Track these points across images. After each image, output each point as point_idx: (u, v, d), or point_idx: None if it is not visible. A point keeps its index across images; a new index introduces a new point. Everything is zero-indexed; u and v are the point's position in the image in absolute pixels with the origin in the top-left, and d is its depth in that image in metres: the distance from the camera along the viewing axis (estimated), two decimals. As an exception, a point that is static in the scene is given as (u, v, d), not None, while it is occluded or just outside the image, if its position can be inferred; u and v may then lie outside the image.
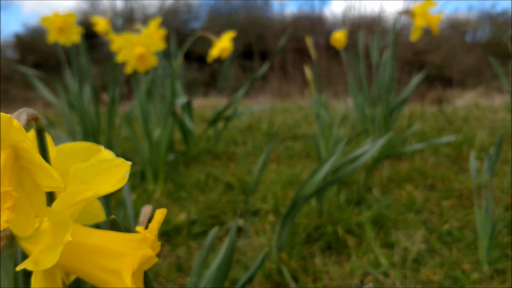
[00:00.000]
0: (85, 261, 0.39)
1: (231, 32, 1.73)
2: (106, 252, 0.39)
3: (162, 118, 1.69)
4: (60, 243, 0.34)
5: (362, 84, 1.95)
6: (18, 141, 0.33)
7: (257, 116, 2.84)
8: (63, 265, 0.39)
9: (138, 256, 0.38)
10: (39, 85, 1.95)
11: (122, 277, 0.37)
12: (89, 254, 0.39)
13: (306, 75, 1.59)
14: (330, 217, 1.43)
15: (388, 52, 1.90)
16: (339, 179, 1.20)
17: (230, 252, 0.57)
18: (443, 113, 2.41)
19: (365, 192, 1.61)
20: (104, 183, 0.39)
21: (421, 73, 1.94)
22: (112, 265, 0.38)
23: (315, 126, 2.48)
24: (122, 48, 1.47)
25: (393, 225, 1.43)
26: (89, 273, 0.39)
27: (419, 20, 1.78)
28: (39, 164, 0.33)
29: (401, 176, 1.72)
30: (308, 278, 1.22)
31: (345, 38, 1.92)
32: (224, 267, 0.60)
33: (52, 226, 0.36)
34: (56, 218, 0.36)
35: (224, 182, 1.71)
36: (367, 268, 1.24)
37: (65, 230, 0.35)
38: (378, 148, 1.18)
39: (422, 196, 1.59)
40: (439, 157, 1.91)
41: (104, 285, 0.39)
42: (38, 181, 0.34)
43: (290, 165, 1.87)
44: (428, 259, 1.26)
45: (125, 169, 0.39)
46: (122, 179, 0.39)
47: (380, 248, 1.31)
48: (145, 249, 0.38)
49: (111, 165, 0.39)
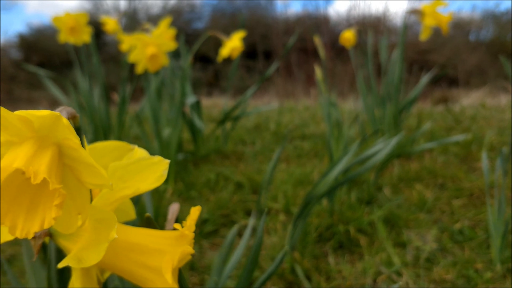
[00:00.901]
0: (125, 259, 0.39)
1: (241, 31, 1.74)
2: (145, 250, 0.39)
3: (172, 117, 1.69)
4: (105, 240, 0.34)
5: (371, 84, 1.95)
6: (64, 139, 0.33)
7: (264, 116, 2.84)
8: (103, 262, 0.39)
9: (177, 253, 0.38)
10: (50, 84, 1.95)
11: (162, 275, 0.38)
12: (128, 251, 0.39)
13: (316, 75, 1.59)
14: (342, 217, 1.43)
15: (397, 51, 1.90)
16: (353, 178, 1.21)
17: (257, 251, 0.57)
18: (450, 113, 2.41)
19: (375, 192, 1.61)
20: (144, 180, 0.39)
21: (430, 73, 1.94)
22: (152, 263, 0.38)
23: (322, 126, 2.48)
24: (134, 48, 1.48)
25: (404, 225, 1.43)
26: (129, 271, 0.39)
27: (429, 19, 1.78)
28: (86, 162, 0.33)
29: (411, 176, 1.72)
30: (321, 277, 1.22)
31: (354, 37, 1.92)
32: (250, 266, 0.60)
33: (95, 223, 0.36)
34: (100, 215, 0.36)
35: (234, 182, 1.71)
36: (379, 267, 1.24)
37: (110, 227, 0.35)
38: (391, 147, 1.19)
39: (432, 195, 1.59)
40: (448, 156, 1.91)
41: (143, 283, 0.39)
42: (82, 179, 0.34)
43: (300, 164, 1.87)
44: (441, 258, 1.26)
45: (163, 167, 0.39)
46: (161, 177, 0.39)
47: (392, 247, 1.31)
48: (184, 246, 0.39)
49: (150, 163, 0.39)
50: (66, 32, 1.67)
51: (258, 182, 1.69)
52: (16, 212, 0.33)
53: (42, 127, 0.33)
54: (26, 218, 0.33)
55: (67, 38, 1.69)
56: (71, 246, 0.39)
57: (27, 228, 0.33)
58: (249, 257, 0.61)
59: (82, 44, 1.79)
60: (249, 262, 0.60)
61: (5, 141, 0.33)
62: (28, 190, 0.34)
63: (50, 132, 0.33)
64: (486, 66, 7.25)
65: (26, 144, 0.33)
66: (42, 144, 0.33)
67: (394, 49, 1.98)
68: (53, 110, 0.59)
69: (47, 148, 0.33)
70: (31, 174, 0.31)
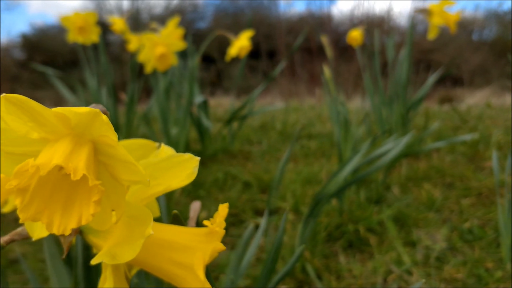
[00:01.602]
0: (156, 256, 0.39)
1: (248, 31, 1.74)
2: (176, 247, 0.39)
3: (180, 117, 1.69)
4: (141, 236, 0.35)
5: (378, 83, 1.95)
6: (99, 136, 0.34)
7: (269, 116, 2.84)
8: (134, 259, 0.39)
9: (209, 250, 0.38)
10: (58, 83, 1.96)
11: (193, 271, 0.38)
12: (160, 248, 0.39)
13: (324, 74, 1.59)
14: (351, 216, 1.44)
15: (404, 50, 1.90)
16: (363, 177, 1.21)
17: (278, 249, 0.57)
18: (457, 112, 2.41)
19: (384, 191, 1.61)
20: (175, 178, 0.39)
21: (437, 72, 1.94)
22: (183, 259, 0.39)
23: (329, 125, 2.48)
24: (142, 47, 1.48)
25: (414, 224, 1.43)
26: (159, 268, 0.40)
27: (436, 18, 1.78)
28: (123, 159, 0.33)
29: (419, 175, 1.72)
30: (331, 276, 1.22)
31: (361, 36, 1.92)
32: (270, 265, 0.60)
33: (128, 220, 0.36)
34: (135, 212, 0.36)
35: (242, 181, 1.71)
36: (390, 266, 1.24)
37: (145, 224, 0.35)
38: (402, 146, 1.19)
39: (441, 194, 1.59)
40: (456, 156, 1.91)
41: (174, 280, 0.39)
42: (118, 176, 0.34)
43: (307, 164, 1.87)
44: (451, 257, 1.26)
45: (194, 164, 0.39)
46: (192, 174, 0.39)
47: (402, 246, 1.31)
48: (214, 243, 0.39)
49: (180, 160, 0.40)
50: (74, 31, 1.67)
51: (266, 182, 1.69)
52: (52, 209, 0.33)
53: (79, 124, 0.33)
54: (62, 214, 0.33)
55: (76, 38, 1.69)
56: (101, 243, 0.40)
57: (64, 224, 0.33)
58: (269, 256, 0.61)
59: (87, 44, 1.79)
60: (269, 260, 0.60)
61: (41, 138, 0.34)
62: (64, 187, 0.34)
63: (86, 130, 0.33)
64: (489, 65, 7.24)
65: (62, 141, 0.33)
66: (78, 141, 0.33)
67: (401, 48, 1.98)
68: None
69: (84, 145, 0.33)
70: (71, 170, 0.31)
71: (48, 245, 0.58)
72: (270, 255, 0.58)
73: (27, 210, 0.32)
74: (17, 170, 0.31)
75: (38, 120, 0.33)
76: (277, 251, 0.58)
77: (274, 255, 0.58)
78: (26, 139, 0.34)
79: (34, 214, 0.33)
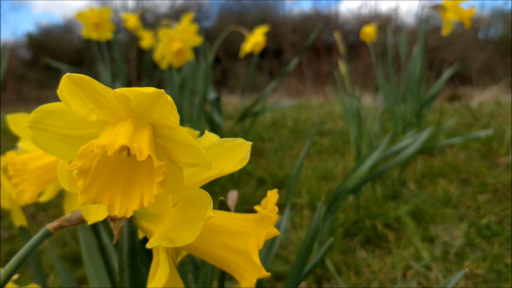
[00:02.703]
0: (209, 241, 0.39)
1: (264, 26, 1.73)
2: (228, 232, 0.39)
3: (194, 113, 1.69)
4: (200, 219, 0.34)
5: (390, 79, 1.94)
6: (159, 119, 0.33)
7: (280, 113, 2.84)
8: (188, 244, 0.39)
9: (263, 235, 0.38)
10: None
11: (248, 257, 0.37)
12: (212, 233, 0.39)
13: (340, 70, 1.59)
14: (368, 212, 1.43)
15: (418, 47, 1.89)
16: (381, 173, 1.20)
17: (312, 240, 0.57)
18: (468, 109, 2.40)
19: (399, 187, 1.61)
20: (227, 162, 0.39)
21: (451, 68, 1.93)
22: (237, 245, 0.38)
23: (340, 123, 2.48)
24: (158, 43, 1.48)
25: (431, 220, 1.42)
26: (212, 253, 0.39)
27: (451, 14, 1.77)
28: (184, 141, 0.33)
29: (435, 171, 1.71)
30: (350, 271, 1.22)
31: (375, 32, 1.92)
32: (303, 255, 0.60)
33: (184, 204, 0.36)
34: (193, 195, 0.36)
35: (257, 177, 1.71)
36: (408, 261, 1.24)
37: (204, 206, 0.35)
38: (421, 141, 1.18)
39: (457, 190, 1.58)
40: (470, 152, 1.90)
41: (227, 265, 0.39)
42: (176, 159, 0.34)
43: (321, 160, 1.87)
44: (470, 253, 1.26)
45: (246, 149, 0.39)
46: (244, 159, 0.39)
47: (421, 242, 1.31)
48: (268, 228, 0.38)
49: (232, 145, 0.39)
50: (89, 28, 1.67)
51: (281, 178, 1.69)
52: (113, 191, 0.33)
53: (140, 106, 0.32)
54: (123, 197, 0.33)
55: (90, 34, 1.69)
56: (153, 228, 0.39)
57: (125, 206, 0.33)
58: (303, 247, 0.60)
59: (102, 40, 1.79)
60: (303, 251, 0.60)
61: (99, 121, 0.33)
62: (123, 169, 0.34)
63: (147, 112, 0.33)
64: (495, 64, 7.22)
65: (123, 123, 0.33)
66: (138, 123, 0.33)
67: (411, 46, 1.97)
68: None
69: (144, 127, 0.33)
70: (136, 151, 0.30)
71: (84, 234, 0.58)
72: (305, 244, 0.58)
73: (88, 192, 0.32)
74: (81, 151, 0.31)
75: (99, 102, 0.32)
76: (311, 241, 0.58)
77: (309, 244, 0.57)
78: (83, 122, 0.34)
79: (95, 196, 0.32)
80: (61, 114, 0.34)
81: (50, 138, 0.35)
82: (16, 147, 0.55)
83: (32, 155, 0.51)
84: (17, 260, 0.40)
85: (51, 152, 0.35)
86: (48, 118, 0.34)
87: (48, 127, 0.34)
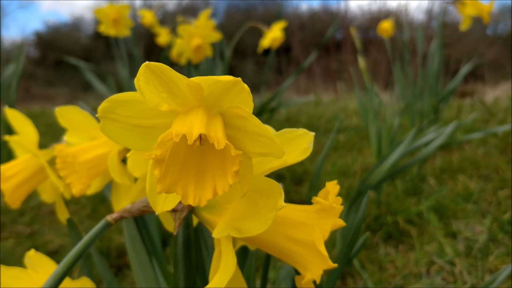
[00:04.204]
0: (272, 232, 0.39)
1: (281, 22, 1.73)
2: (291, 223, 0.39)
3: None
4: (272, 209, 0.34)
5: (407, 75, 1.93)
6: (230, 108, 0.33)
7: (294, 109, 2.83)
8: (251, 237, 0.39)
9: (328, 225, 0.38)
10: (91, 77, 1.96)
11: (315, 248, 0.37)
12: (276, 224, 0.39)
13: (360, 65, 1.58)
14: (389, 208, 1.43)
15: (435, 42, 1.88)
16: (406, 168, 1.20)
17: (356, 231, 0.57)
18: (484, 105, 2.39)
19: (419, 183, 1.60)
20: (290, 153, 0.39)
21: (469, 64, 1.92)
22: (302, 236, 0.38)
23: (355, 119, 2.47)
24: (175, 39, 1.48)
25: (452, 215, 1.42)
26: (275, 244, 0.39)
27: (470, 9, 1.76)
28: (256, 131, 0.32)
29: (454, 167, 1.71)
30: (373, 267, 1.22)
31: (392, 28, 1.90)
32: (346, 250, 0.60)
33: (251, 194, 0.36)
34: (261, 185, 0.36)
35: (275, 173, 1.71)
36: (432, 257, 1.23)
37: (275, 196, 0.34)
38: (446, 136, 1.17)
39: (477, 186, 1.57)
40: (488, 148, 1.89)
41: (291, 257, 0.39)
42: (246, 149, 0.34)
43: (338, 156, 1.86)
44: (493, 248, 1.25)
45: (309, 139, 0.39)
46: (307, 149, 0.39)
47: (444, 237, 1.30)
48: (333, 218, 0.38)
49: (295, 135, 0.39)
50: (108, 24, 1.67)
51: (299, 174, 1.69)
52: (185, 180, 0.33)
53: (212, 95, 0.32)
54: (196, 186, 0.33)
55: (108, 31, 1.69)
56: (215, 219, 0.39)
57: (198, 195, 0.33)
58: (346, 240, 0.60)
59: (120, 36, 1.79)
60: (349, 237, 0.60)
61: (169, 110, 0.33)
62: (194, 158, 0.34)
63: (217, 101, 0.33)
64: (504, 60, 7.16)
65: (195, 113, 0.32)
66: (209, 113, 0.33)
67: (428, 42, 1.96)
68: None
69: (215, 117, 0.33)
70: (214, 140, 0.30)
71: (128, 227, 0.58)
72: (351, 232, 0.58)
73: (163, 181, 0.32)
74: (160, 140, 0.31)
75: (172, 91, 0.32)
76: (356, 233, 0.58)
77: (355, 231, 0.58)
78: (154, 112, 0.34)
79: (169, 186, 0.32)
80: (131, 103, 0.34)
81: (119, 128, 0.35)
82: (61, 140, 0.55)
83: (81, 147, 0.51)
84: (77, 251, 0.41)
85: (119, 142, 0.35)
86: (118, 108, 0.34)
87: (118, 117, 0.34)
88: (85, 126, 0.52)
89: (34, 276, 0.43)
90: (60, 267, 0.40)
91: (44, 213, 1.61)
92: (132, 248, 0.58)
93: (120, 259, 1.30)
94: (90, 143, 0.50)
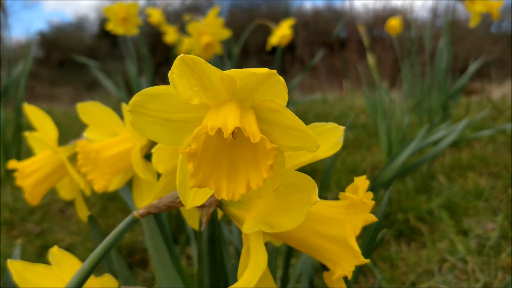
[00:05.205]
0: (302, 228, 0.38)
1: (290, 19, 1.72)
2: (322, 219, 0.38)
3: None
4: (305, 204, 0.34)
5: (415, 73, 1.92)
6: (262, 101, 0.33)
7: (302, 107, 2.83)
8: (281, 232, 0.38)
9: (360, 221, 0.37)
10: (100, 75, 1.96)
11: (347, 244, 0.37)
12: (305, 220, 0.38)
13: (369, 62, 1.58)
14: (399, 205, 1.42)
15: (443, 39, 1.87)
16: (418, 165, 1.19)
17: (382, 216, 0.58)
18: (491, 103, 2.38)
19: (429, 180, 1.59)
20: (320, 147, 0.38)
21: (477, 61, 1.91)
22: (333, 232, 0.38)
23: (362, 116, 2.46)
24: (185, 37, 1.47)
25: (463, 213, 1.41)
26: (304, 240, 0.39)
27: (479, 6, 1.75)
28: (289, 124, 0.32)
29: (463, 164, 1.70)
30: (385, 264, 1.21)
31: (400, 25, 1.90)
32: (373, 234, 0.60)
33: (283, 188, 0.36)
34: (292, 179, 0.35)
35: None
36: (444, 254, 1.22)
37: (308, 191, 0.34)
38: (458, 133, 1.17)
39: (487, 183, 1.56)
40: (497, 145, 1.88)
41: (321, 253, 0.38)
42: (280, 142, 0.33)
43: (347, 154, 1.86)
44: (505, 246, 1.24)
45: (339, 134, 0.39)
46: (337, 144, 0.38)
47: (455, 235, 1.30)
48: (364, 213, 0.38)
49: (324, 129, 0.39)
50: (117, 22, 1.66)
51: (308, 171, 1.67)
52: (218, 174, 0.33)
53: (244, 88, 0.32)
54: (229, 180, 0.33)
55: (116, 29, 1.69)
56: (243, 215, 0.39)
57: (232, 190, 0.32)
58: (366, 237, 0.60)
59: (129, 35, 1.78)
60: (367, 240, 0.59)
61: (201, 104, 0.33)
62: (225, 152, 0.34)
63: (250, 94, 0.32)
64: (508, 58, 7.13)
65: (228, 106, 0.32)
66: (242, 106, 0.33)
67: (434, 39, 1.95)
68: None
69: (248, 110, 0.33)
70: (250, 133, 0.30)
71: (149, 224, 0.58)
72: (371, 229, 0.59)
73: (196, 175, 0.32)
74: (195, 134, 0.30)
75: (204, 84, 0.32)
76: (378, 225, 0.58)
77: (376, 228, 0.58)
78: (185, 106, 0.34)
79: (201, 180, 0.32)
80: (162, 97, 0.34)
81: (149, 123, 0.34)
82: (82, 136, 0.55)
83: (104, 144, 0.51)
84: (104, 247, 0.40)
85: (149, 136, 0.35)
86: (149, 102, 0.34)
87: (149, 111, 0.34)
88: (107, 122, 0.52)
89: (59, 272, 0.43)
90: (87, 263, 0.40)
91: (53, 211, 1.61)
92: (153, 245, 0.58)
93: (131, 257, 1.30)
94: (113, 139, 0.50)
